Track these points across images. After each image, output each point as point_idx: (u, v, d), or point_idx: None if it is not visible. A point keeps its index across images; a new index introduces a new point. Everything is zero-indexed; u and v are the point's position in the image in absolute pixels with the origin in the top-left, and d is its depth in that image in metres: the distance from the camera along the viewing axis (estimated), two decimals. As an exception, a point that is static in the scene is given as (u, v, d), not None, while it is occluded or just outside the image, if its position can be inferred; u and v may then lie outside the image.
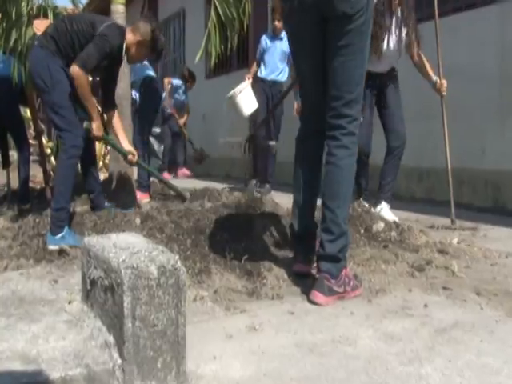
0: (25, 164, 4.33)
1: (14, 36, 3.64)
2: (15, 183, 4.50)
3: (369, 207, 3.30)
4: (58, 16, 3.34)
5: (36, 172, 5.41)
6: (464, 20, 4.72)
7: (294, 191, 2.28)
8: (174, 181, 5.67)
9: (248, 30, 4.33)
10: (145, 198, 4.27)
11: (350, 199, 2.19)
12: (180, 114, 8.24)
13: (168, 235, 2.63)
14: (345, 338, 1.66)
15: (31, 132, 5.19)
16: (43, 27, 3.11)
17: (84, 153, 2.94)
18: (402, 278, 2.30)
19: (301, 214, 2.26)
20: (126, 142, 3.23)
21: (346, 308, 1.93)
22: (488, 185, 4.56)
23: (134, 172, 4.02)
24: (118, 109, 3.31)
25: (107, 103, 3.20)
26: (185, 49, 10.45)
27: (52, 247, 2.63)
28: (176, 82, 8.15)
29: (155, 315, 1.31)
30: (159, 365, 1.32)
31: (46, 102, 2.88)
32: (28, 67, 3.08)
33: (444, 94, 3.73)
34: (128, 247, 1.42)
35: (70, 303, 1.70)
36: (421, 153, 4.95)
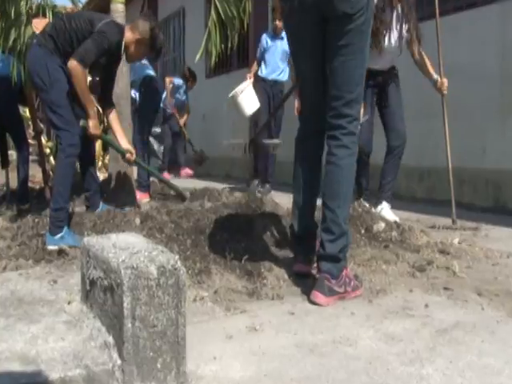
0: (24, 164, 4.32)
1: (13, 35, 3.64)
2: (14, 183, 4.49)
3: (369, 207, 3.29)
4: (57, 15, 3.33)
5: (35, 172, 5.39)
6: (465, 19, 4.72)
7: (294, 191, 2.28)
8: (176, 181, 5.67)
9: (248, 29, 4.32)
10: (144, 198, 4.27)
11: (351, 199, 2.19)
12: (180, 114, 8.24)
13: (168, 235, 2.62)
14: (345, 339, 1.66)
15: (30, 132, 5.18)
16: (42, 26, 3.11)
17: (83, 152, 2.93)
18: (403, 279, 2.29)
19: (301, 214, 2.26)
20: (124, 141, 3.22)
21: (347, 308, 1.93)
22: (489, 184, 4.56)
23: (134, 172, 4.02)
24: (117, 108, 3.31)
25: (105, 102, 3.20)
26: (185, 48, 10.45)
27: (51, 247, 2.63)
28: (177, 82, 8.14)
29: (155, 315, 1.31)
30: (159, 365, 1.32)
31: (44, 101, 2.88)
32: (27, 66, 3.07)
33: (445, 93, 3.72)
34: (128, 247, 1.42)
35: (70, 304, 1.70)
36: (422, 152, 4.95)
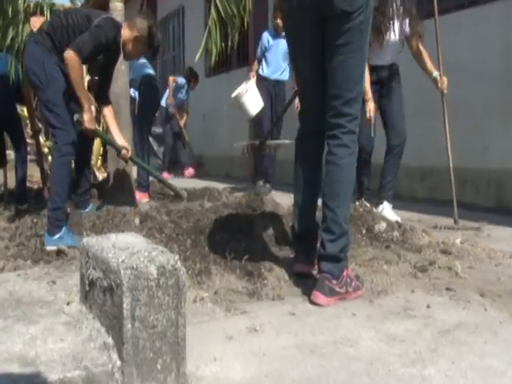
0: (22, 163, 4.30)
1: (11, 34, 3.62)
2: (12, 183, 4.47)
3: (371, 207, 3.28)
4: (55, 12, 3.32)
5: (33, 172, 5.37)
6: (467, 17, 4.71)
7: (295, 191, 2.27)
8: (177, 180, 5.66)
9: (248, 28, 4.30)
10: (144, 198, 4.26)
11: (351, 198, 2.18)
12: (180, 115, 8.24)
13: (167, 235, 2.61)
14: (346, 340, 1.65)
15: (28, 131, 5.16)
16: (40, 24, 3.09)
17: (79, 152, 2.91)
18: (405, 279, 2.28)
19: (302, 214, 2.25)
20: (120, 137, 3.19)
21: (348, 309, 1.92)
22: (491, 184, 4.54)
23: (134, 172, 4.00)
24: (117, 108, 3.29)
25: (101, 99, 3.18)
26: (184, 47, 10.44)
27: (50, 248, 2.61)
28: (180, 81, 8.15)
29: (155, 316, 1.30)
30: (159, 366, 1.31)
31: (41, 99, 2.86)
32: (24, 64, 3.05)
33: (445, 92, 3.71)
34: (127, 247, 1.41)
35: (69, 304, 1.69)
36: (423, 151, 4.93)
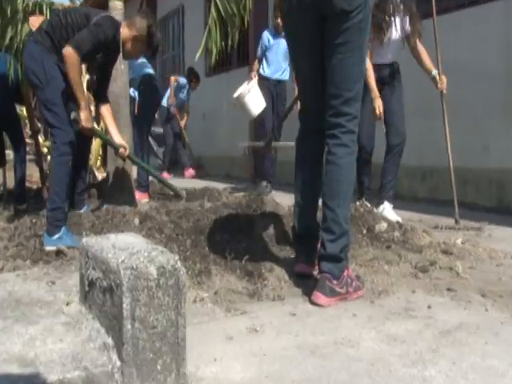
0: (21, 163, 4.29)
1: (10, 33, 3.61)
2: (11, 183, 4.46)
3: (371, 207, 3.27)
4: (54, 11, 3.31)
5: (32, 171, 5.37)
6: (467, 16, 4.70)
7: (295, 191, 2.27)
8: (177, 181, 5.65)
9: (248, 27, 4.30)
10: (144, 198, 4.26)
11: (351, 198, 2.17)
12: (180, 115, 8.23)
13: (167, 235, 2.61)
14: (347, 340, 1.64)
15: (27, 131, 5.16)
16: (39, 24, 3.08)
17: (77, 153, 2.90)
18: (406, 279, 2.27)
19: (302, 214, 2.25)
20: (118, 136, 3.18)
21: (349, 309, 1.91)
22: (492, 183, 4.53)
23: (134, 172, 3.99)
24: (116, 107, 3.29)
25: (99, 98, 3.18)
26: (184, 46, 10.43)
27: (49, 248, 2.61)
28: (182, 81, 8.15)
29: (155, 316, 1.29)
30: (159, 367, 1.31)
31: (39, 99, 2.85)
32: (23, 64, 3.04)
33: (444, 92, 3.71)
34: (127, 248, 1.40)
35: (68, 305, 1.68)
36: (424, 151, 4.93)
